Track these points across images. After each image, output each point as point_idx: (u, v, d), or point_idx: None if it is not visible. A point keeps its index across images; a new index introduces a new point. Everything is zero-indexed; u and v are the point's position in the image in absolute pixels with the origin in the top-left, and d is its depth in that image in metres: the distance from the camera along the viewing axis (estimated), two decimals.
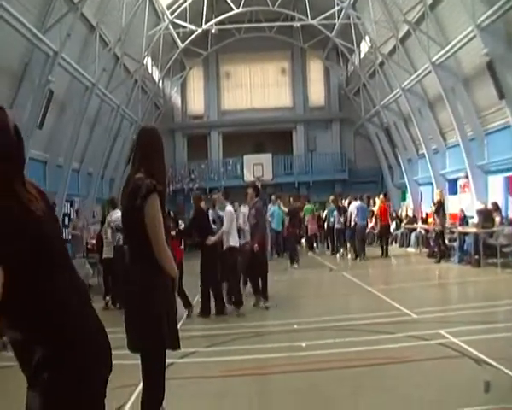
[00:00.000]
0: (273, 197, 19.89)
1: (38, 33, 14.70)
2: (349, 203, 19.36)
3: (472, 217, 16.80)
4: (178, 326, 4.04)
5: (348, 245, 19.13)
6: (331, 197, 18.94)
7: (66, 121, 18.51)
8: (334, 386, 5.88)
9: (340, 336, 7.79)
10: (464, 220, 17.06)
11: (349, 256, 18.84)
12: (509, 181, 17.11)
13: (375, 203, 21.48)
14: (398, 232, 22.57)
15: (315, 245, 22.53)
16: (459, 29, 16.39)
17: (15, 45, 14.47)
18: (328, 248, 21.52)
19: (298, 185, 29.97)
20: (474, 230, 15.24)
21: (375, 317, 8.97)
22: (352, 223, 18.20)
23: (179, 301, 9.42)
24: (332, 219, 19.87)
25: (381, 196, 21.05)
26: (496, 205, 15.45)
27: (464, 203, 18.37)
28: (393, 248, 20.95)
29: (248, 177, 28.36)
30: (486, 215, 15.15)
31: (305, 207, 21.82)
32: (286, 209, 19.27)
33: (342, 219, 19.01)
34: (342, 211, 19.31)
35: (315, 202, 24.88)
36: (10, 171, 2.10)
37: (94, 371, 2.14)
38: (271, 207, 19.20)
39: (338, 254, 19.47)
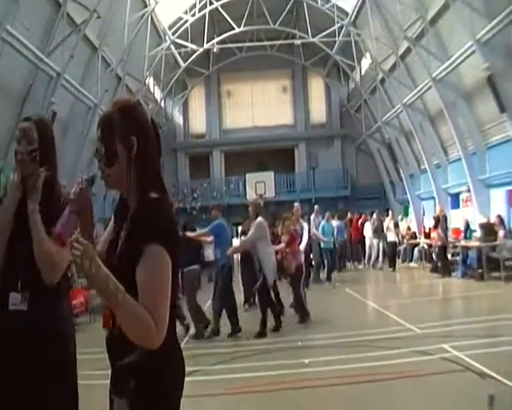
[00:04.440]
0: (316, 207, 18.37)
1: (42, 55, 14.91)
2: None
3: (475, 230, 16.79)
4: (182, 345, 3.94)
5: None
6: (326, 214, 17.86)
7: (69, 142, 18.61)
8: (337, 403, 5.86)
9: (344, 353, 7.77)
10: (468, 231, 17.05)
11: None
12: (510, 194, 17.11)
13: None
14: (401, 248, 22.57)
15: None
16: (459, 44, 16.50)
17: (19, 67, 14.66)
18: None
19: (300, 202, 29.89)
20: (476, 244, 15.23)
21: (378, 332, 8.95)
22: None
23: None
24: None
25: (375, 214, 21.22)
26: (500, 218, 15.45)
27: (467, 217, 18.33)
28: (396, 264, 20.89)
29: (251, 195, 28.38)
30: (489, 229, 15.15)
31: None
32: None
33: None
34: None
35: None
36: (158, 164, 2.13)
37: (179, 389, 2.10)
38: (322, 222, 17.46)
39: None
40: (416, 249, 20.84)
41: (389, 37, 21.75)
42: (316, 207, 18.29)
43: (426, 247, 19.56)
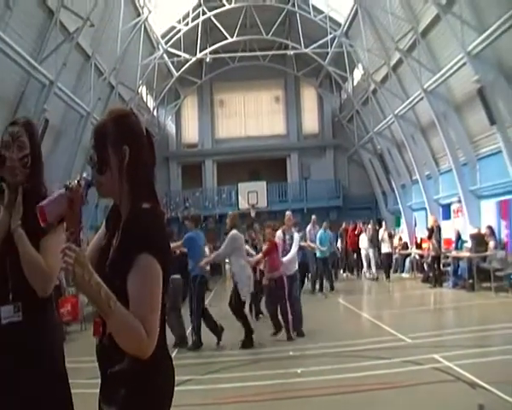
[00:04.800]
0: (314, 217, 17.94)
1: (34, 63, 14.87)
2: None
3: (466, 241, 16.87)
4: (173, 354, 3.93)
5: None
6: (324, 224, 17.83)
7: (62, 150, 18.57)
8: None
9: (336, 363, 7.77)
10: (459, 241, 17.12)
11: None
12: (501, 206, 17.24)
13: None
14: (393, 258, 22.63)
15: None
16: (450, 56, 16.64)
17: (11, 74, 14.61)
18: None
19: (292, 213, 29.91)
20: (467, 254, 15.30)
21: (370, 342, 8.96)
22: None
23: None
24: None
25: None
26: (490, 229, 15.53)
27: (458, 228, 18.42)
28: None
29: (243, 204, 28.45)
30: (479, 240, 15.24)
31: None
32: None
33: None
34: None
35: None
36: (151, 174, 2.16)
37: (169, 398, 2.09)
38: (320, 231, 17.19)
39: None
40: (408, 260, 20.91)
41: (381, 48, 21.90)
42: (313, 217, 18.12)
43: (417, 257, 19.62)
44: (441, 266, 16.97)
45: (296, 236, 11.53)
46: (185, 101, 31.82)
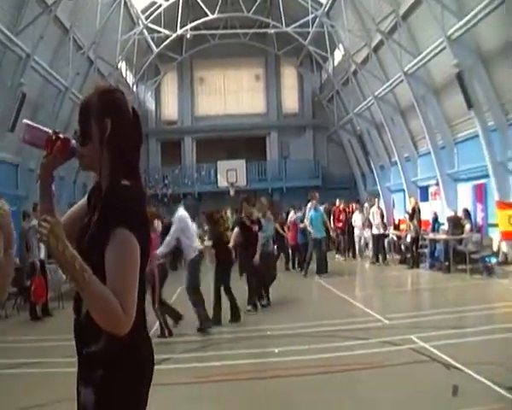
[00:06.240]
0: (315, 194, 16.77)
1: (10, 35, 14.57)
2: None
3: (443, 224, 17.10)
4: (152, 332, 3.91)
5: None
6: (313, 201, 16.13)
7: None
8: (305, 392, 5.94)
9: (313, 343, 7.88)
10: (436, 223, 17.32)
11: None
12: (476, 189, 17.49)
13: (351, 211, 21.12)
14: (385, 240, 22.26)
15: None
16: (430, 40, 16.71)
17: None
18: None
19: (271, 191, 30.06)
20: (444, 237, 15.52)
21: (347, 323, 9.08)
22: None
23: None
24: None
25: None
26: (466, 211, 15.75)
27: (435, 210, 18.63)
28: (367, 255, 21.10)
29: (222, 182, 28.42)
30: (456, 222, 15.46)
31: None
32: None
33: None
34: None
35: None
36: (134, 152, 2.16)
37: (147, 378, 2.08)
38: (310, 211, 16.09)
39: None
40: (386, 241, 21.00)
41: (362, 29, 21.87)
42: (315, 194, 16.74)
43: (395, 238, 19.79)
44: (419, 247, 17.16)
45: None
46: (165, 77, 31.50)
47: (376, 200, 19.50)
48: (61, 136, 2.13)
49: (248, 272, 10.89)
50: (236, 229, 10.98)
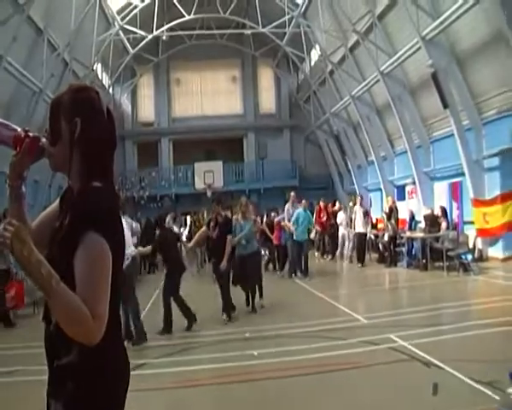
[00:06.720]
0: (293, 194, 16.66)
1: None
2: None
3: (420, 222, 17.22)
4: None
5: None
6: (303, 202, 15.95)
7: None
8: (285, 394, 5.90)
9: (292, 344, 7.83)
10: (413, 222, 17.42)
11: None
12: (452, 187, 17.66)
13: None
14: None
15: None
16: (405, 40, 16.85)
17: None
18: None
19: (249, 193, 30.00)
20: (421, 235, 15.63)
21: (326, 323, 9.05)
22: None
23: None
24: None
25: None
26: (443, 210, 15.90)
27: (412, 209, 18.75)
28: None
29: (199, 184, 28.29)
30: (433, 220, 15.56)
31: None
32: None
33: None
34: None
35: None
36: (106, 154, 2.08)
37: (121, 387, 1.99)
38: (298, 210, 15.53)
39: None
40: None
41: (338, 29, 21.97)
42: (292, 194, 16.87)
43: (373, 237, 19.85)
44: (396, 246, 17.24)
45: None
46: (141, 79, 31.30)
47: (359, 198, 19.18)
48: (30, 134, 2.07)
49: (217, 279, 10.40)
50: (203, 228, 10.81)
